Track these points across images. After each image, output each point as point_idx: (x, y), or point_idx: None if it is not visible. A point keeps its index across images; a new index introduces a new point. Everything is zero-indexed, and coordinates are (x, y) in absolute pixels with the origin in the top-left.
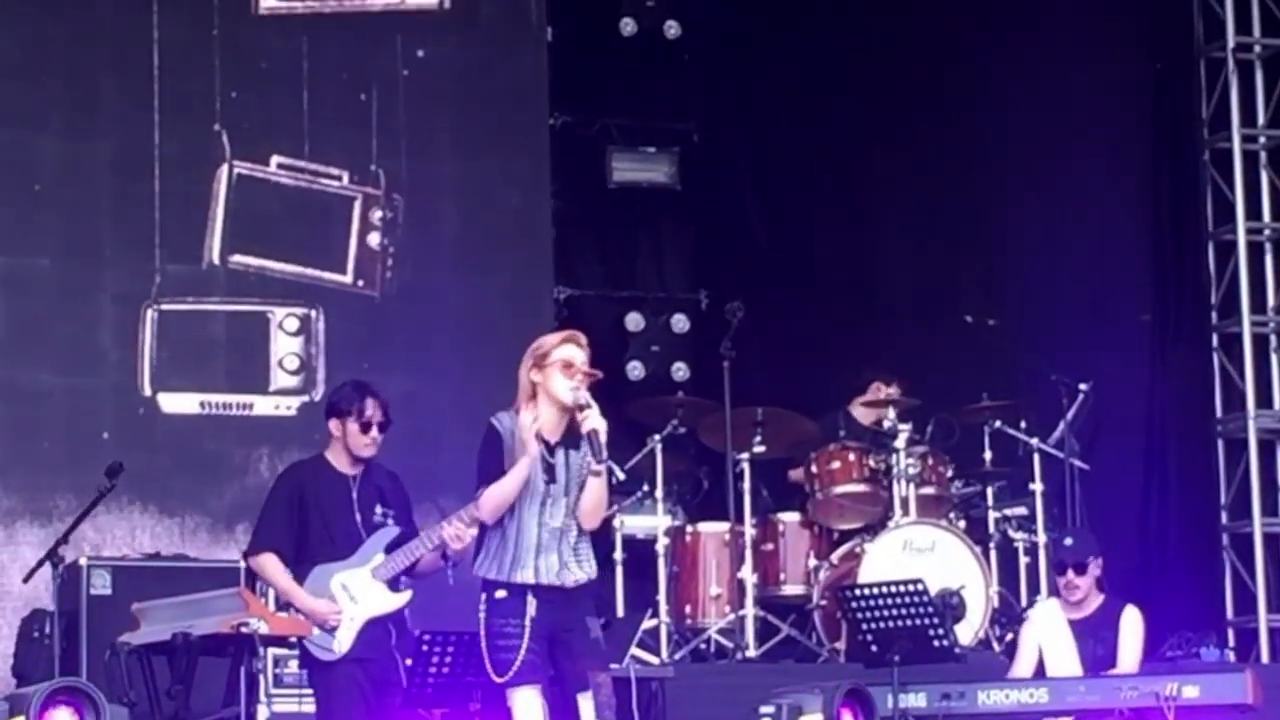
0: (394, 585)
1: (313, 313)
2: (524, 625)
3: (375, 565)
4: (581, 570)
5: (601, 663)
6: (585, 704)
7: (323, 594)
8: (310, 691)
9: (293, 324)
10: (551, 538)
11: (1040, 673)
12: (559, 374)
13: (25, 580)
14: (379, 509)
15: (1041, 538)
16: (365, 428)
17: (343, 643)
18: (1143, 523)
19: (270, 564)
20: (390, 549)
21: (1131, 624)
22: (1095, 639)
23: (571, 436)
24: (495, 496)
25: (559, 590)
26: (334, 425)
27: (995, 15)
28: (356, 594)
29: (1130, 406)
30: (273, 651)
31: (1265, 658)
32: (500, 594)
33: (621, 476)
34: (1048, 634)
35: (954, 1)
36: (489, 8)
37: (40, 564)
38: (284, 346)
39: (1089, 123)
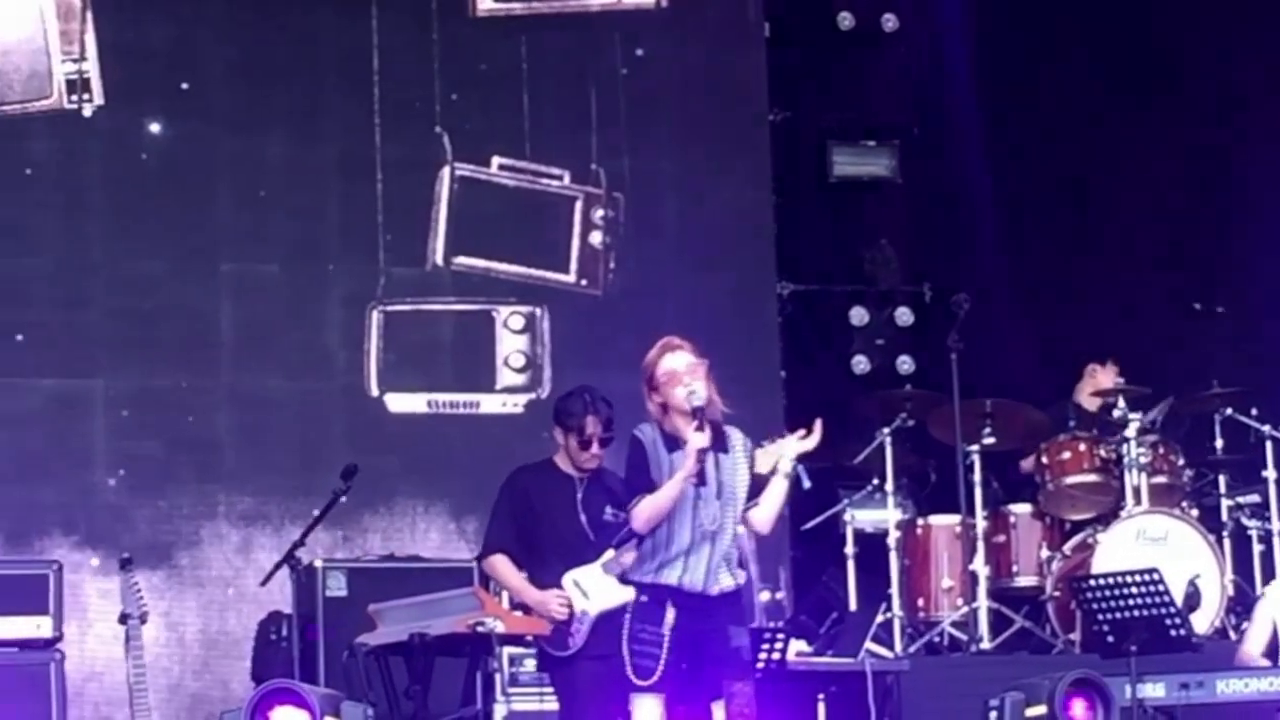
0: (625, 579)
1: (538, 311)
2: (662, 633)
3: (605, 560)
4: (730, 577)
5: (740, 671)
6: (718, 712)
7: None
8: (547, 690)
9: (518, 322)
10: (702, 541)
11: (1272, 649)
12: (672, 389)
13: (262, 584)
14: (609, 509)
15: (1276, 525)
16: (585, 444)
17: (577, 639)
18: None
19: (501, 564)
20: (619, 544)
21: None
22: None
23: (720, 441)
24: (647, 510)
25: (702, 597)
26: (558, 433)
27: (1224, 2)
28: (589, 589)
29: None
30: (508, 650)
31: None
32: (642, 598)
33: (807, 485)
34: None
35: None
36: (707, 5)
37: (277, 567)
38: (510, 344)
39: None
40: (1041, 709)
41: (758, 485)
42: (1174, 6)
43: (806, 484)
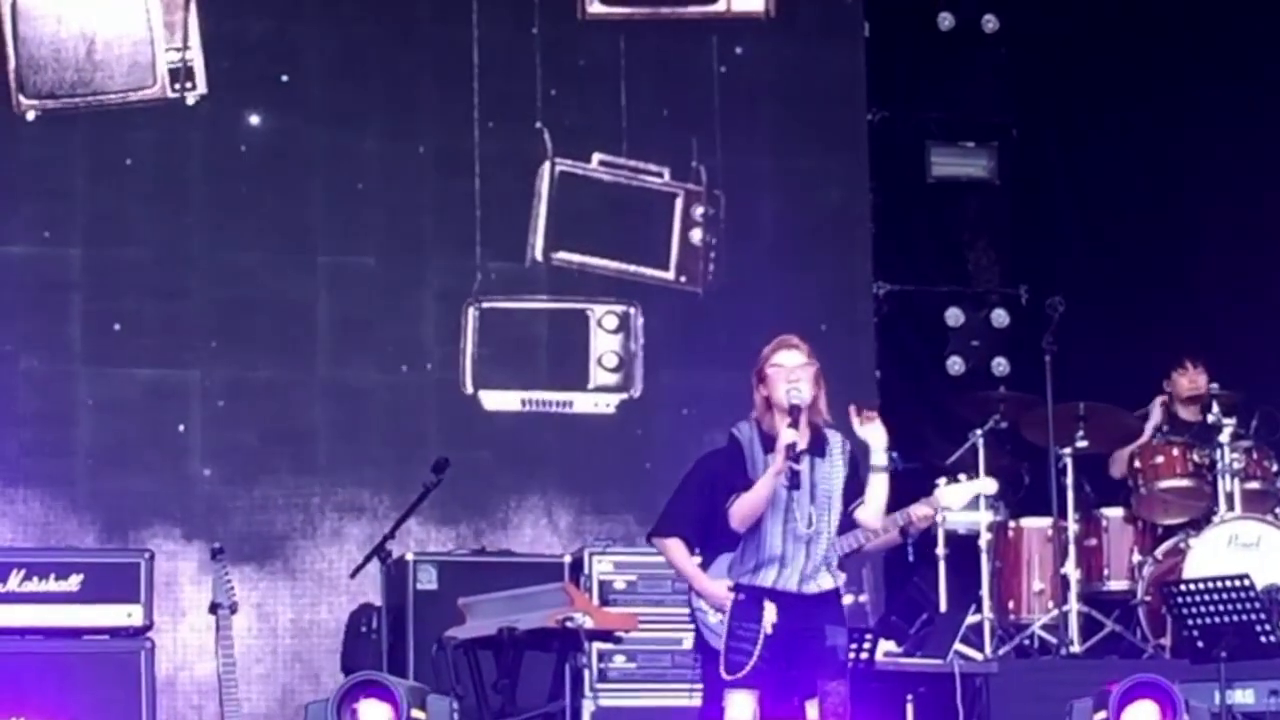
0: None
1: (631, 310)
2: (758, 630)
3: None
4: (830, 578)
5: (834, 671)
6: (812, 711)
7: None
8: (635, 685)
9: (611, 321)
10: (797, 545)
11: None
12: (777, 384)
13: (352, 575)
14: None
15: None
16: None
17: None
18: None
19: (674, 547)
20: None
21: None
22: None
23: (818, 444)
24: (741, 508)
25: (798, 597)
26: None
27: None
28: None
29: None
30: (597, 646)
31: None
32: (740, 597)
33: (902, 466)
34: None
35: None
36: (807, 4)
37: (368, 559)
38: (603, 344)
39: None
40: (1104, 714)
41: (857, 489)
42: (1268, 11)
43: (901, 465)
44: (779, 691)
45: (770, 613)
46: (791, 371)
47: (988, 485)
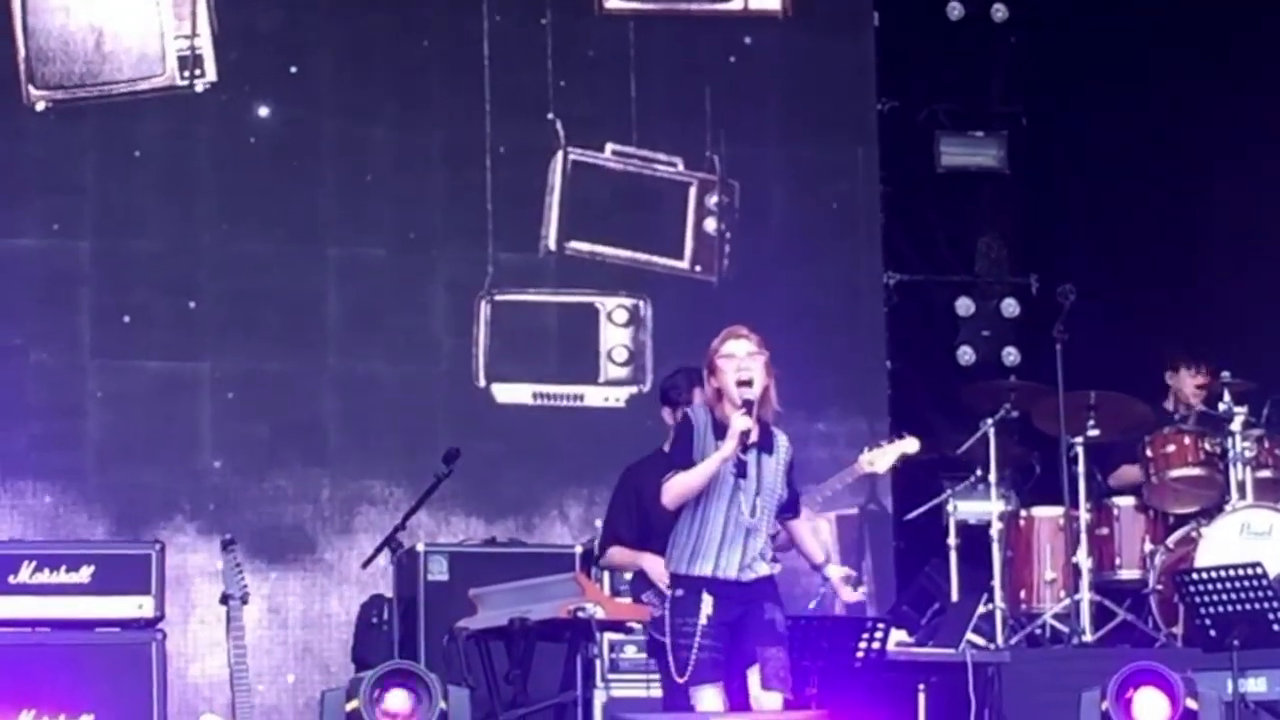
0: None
1: (641, 304)
2: (698, 624)
3: None
4: (766, 566)
5: (772, 640)
6: (753, 676)
7: None
8: (649, 676)
9: (621, 315)
10: (738, 533)
11: None
12: (728, 372)
13: (364, 566)
14: None
15: None
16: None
17: None
18: None
19: (616, 553)
20: None
21: None
22: None
23: (768, 440)
24: (679, 484)
25: (737, 585)
26: (666, 414)
27: None
28: None
29: None
30: (609, 636)
31: None
32: (679, 592)
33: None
34: None
35: None
36: None
37: (378, 550)
38: (613, 338)
39: None
40: (1106, 703)
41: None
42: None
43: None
44: (742, 681)
45: (707, 605)
46: (741, 360)
47: (910, 445)
